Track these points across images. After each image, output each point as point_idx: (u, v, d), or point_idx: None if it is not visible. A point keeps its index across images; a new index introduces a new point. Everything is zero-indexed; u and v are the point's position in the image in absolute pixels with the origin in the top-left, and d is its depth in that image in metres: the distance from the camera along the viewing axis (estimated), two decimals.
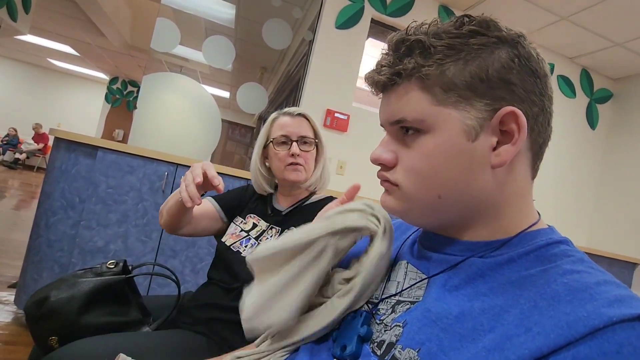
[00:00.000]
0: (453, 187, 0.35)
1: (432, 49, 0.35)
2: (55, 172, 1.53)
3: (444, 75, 0.34)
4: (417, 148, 0.37)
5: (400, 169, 0.38)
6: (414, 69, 0.35)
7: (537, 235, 0.36)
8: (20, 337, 1.48)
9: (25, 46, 7.04)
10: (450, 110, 0.34)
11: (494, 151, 0.35)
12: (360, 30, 2.45)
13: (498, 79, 0.33)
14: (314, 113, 2.40)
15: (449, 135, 0.35)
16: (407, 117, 0.36)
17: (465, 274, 0.35)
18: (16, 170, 7.41)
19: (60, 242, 1.51)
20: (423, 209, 0.38)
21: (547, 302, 0.29)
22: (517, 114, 0.33)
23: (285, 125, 0.91)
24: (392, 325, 0.37)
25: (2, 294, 1.78)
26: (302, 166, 0.90)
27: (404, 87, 0.37)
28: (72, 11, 4.63)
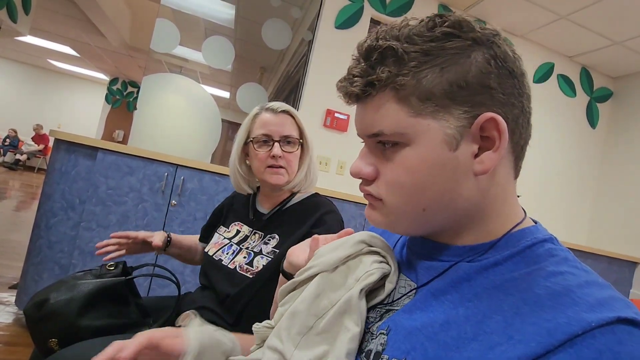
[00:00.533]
0: (438, 198, 0.34)
1: (405, 56, 0.33)
2: (55, 174, 1.53)
3: (420, 85, 0.33)
4: (399, 161, 0.35)
5: (382, 183, 0.37)
6: (388, 78, 0.33)
7: (523, 235, 0.35)
8: (21, 338, 1.48)
9: (25, 47, 7.05)
10: (428, 121, 0.33)
11: (475, 158, 0.34)
12: (360, 30, 2.45)
13: (477, 85, 0.32)
14: (314, 113, 2.42)
15: (430, 146, 0.33)
16: (385, 131, 0.35)
17: (450, 278, 0.35)
18: (17, 171, 7.42)
19: (60, 243, 1.51)
20: (409, 221, 0.37)
21: (530, 307, 0.28)
22: (497, 120, 0.32)
23: (268, 123, 0.84)
24: (377, 334, 0.36)
25: (3, 295, 1.78)
26: (284, 168, 0.84)
27: (378, 99, 0.35)
28: (72, 11, 4.63)
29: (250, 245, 0.84)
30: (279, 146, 0.84)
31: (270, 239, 0.84)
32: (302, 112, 2.36)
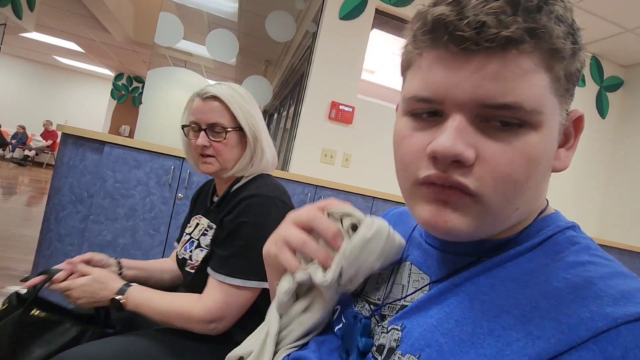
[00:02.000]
0: (531, 195, 0.30)
1: (565, 19, 0.27)
2: (63, 168, 1.55)
3: (574, 59, 0.28)
4: (520, 148, 0.27)
5: (485, 172, 0.28)
6: (554, 35, 0.26)
7: (544, 223, 0.33)
8: None
9: (31, 44, 7.09)
10: (556, 104, 0.28)
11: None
12: (365, 21, 2.42)
13: (577, 79, 0.30)
14: (318, 105, 2.40)
15: (552, 135, 0.28)
16: (525, 105, 0.26)
17: (468, 273, 0.33)
18: (26, 167, 7.52)
19: (70, 236, 1.53)
20: (493, 226, 0.31)
21: (549, 301, 0.27)
22: (582, 119, 0.31)
23: (196, 110, 0.79)
24: (390, 328, 0.35)
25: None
26: (213, 157, 0.79)
27: (527, 58, 0.26)
28: (76, 7, 4.64)
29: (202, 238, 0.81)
30: (205, 135, 0.78)
31: (208, 229, 0.81)
32: (306, 104, 2.35)
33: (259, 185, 0.79)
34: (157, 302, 0.70)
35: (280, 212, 0.75)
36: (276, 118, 5.16)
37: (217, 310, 0.69)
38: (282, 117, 4.54)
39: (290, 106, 3.78)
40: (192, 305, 0.70)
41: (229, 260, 0.72)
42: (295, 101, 2.83)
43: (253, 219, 0.73)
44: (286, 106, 4.18)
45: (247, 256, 0.72)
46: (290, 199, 0.83)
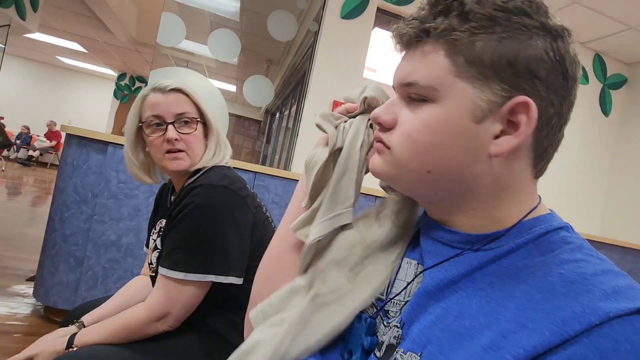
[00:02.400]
0: (445, 165, 0.34)
1: (470, 15, 0.32)
2: (67, 168, 1.56)
3: (473, 46, 0.31)
4: (421, 116, 0.34)
5: (397, 133, 0.36)
6: (445, 30, 0.32)
7: (536, 222, 0.35)
8: (39, 328, 1.53)
9: (35, 44, 7.13)
10: (465, 85, 0.32)
11: (495, 139, 0.33)
12: (366, 20, 2.42)
13: (525, 68, 0.31)
14: (320, 104, 2.41)
15: (456, 110, 0.32)
16: (420, 81, 0.34)
17: (463, 268, 0.34)
18: (30, 167, 7.58)
19: (74, 236, 1.55)
20: (410, 180, 0.36)
21: (543, 295, 0.28)
22: (530, 106, 0.31)
23: (157, 103, 0.75)
24: (392, 326, 0.36)
25: (21, 287, 1.84)
26: (184, 152, 0.76)
27: (428, 47, 0.34)
28: (79, 8, 4.66)
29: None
30: (174, 128, 0.75)
31: (162, 229, 0.79)
32: (308, 103, 2.36)
33: (207, 176, 0.75)
34: (104, 330, 0.69)
35: (228, 201, 0.72)
36: (278, 117, 5.18)
37: (159, 307, 0.68)
38: (284, 116, 4.55)
39: (292, 105, 3.78)
40: (135, 312, 0.69)
41: (172, 253, 0.70)
42: (297, 100, 2.83)
43: (196, 209, 0.69)
44: (288, 105, 4.19)
45: (190, 248, 0.69)
46: (246, 188, 0.78)
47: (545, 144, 0.34)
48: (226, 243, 0.70)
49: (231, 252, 0.71)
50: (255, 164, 1.76)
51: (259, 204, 0.82)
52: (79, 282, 1.55)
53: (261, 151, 6.14)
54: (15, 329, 1.49)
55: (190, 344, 0.72)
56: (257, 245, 0.77)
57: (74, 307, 0.92)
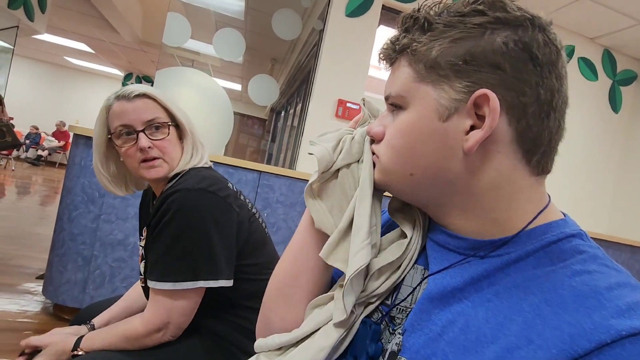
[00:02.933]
0: (425, 166, 0.35)
1: (427, 26, 0.34)
2: (75, 168, 1.58)
3: (429, 53, 0.34)
4: (396, 124, 0.37)
5: (383, 143, 0.39)
6: (406, 44, 0.36)
7: (548, 229, 0.33)
8: (49, 325, 1.55)
9: (43, 45, 7.22)
10: (427, 89, 0.34)
11: (466, 135, 0.33)
12: (371, 18, 2.40)
13: (485, 62, 0.32)
14: (325, 103, 2.40)
15: (421, 113, 0.35)
16: (392, 93, 0.37)
17: (469, 275, 0.33)
18: (39, 166, 7.68)
19: (82, 235, 1.57)
20: (399, 184, 0.38)
21: (552, 309, 0.27)
22: (489, 97, 0.31)
23: (124, 112, 0.72)
24: (395, 333, 0.36)
25: (30, 285, 1.87)
26: (160, 158, 0.73)
27: (397, 63, 0.38)
28: (86, 8, 4.71)
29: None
30: (145, 135, 0.72)
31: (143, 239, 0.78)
32: (313, 101, 2.35)
33: (184, 179, 0.73)
34: (107, 338, 0.70)
35: (207, 203, 0.70)
36: (283, 116, 5.18)
37: (156, 320, 0.67)
38: (289, 115, 4.55)
39: (297, 104, 3.78)
40: (133, 324, 0.69)
41: (157, 264, 0.69)
42: (302, 99, 2.83)
43: (175, 215, 0.67)
44: (293, 104, 4.19)
45: (174, 256, 0.68)
46: (226, 188, 0.75)
47: (531, 135, 0.33)
48: (211, 247, 0.68)
49: (217, 255, 0.69)
50: (260, 164, 1.76)
51: (243, 202, 0.80)
52: (87, 280, 1.57)
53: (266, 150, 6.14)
54: (26, 326, 1.51)
55: (192, 347, 0.72)
56: (244, 244, 0.75)
57: (84, 306, 0.94)
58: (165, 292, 0.67)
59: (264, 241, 0.82)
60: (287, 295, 0.44)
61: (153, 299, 0.69)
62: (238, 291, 0.73)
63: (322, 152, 0.41)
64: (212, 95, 2.38)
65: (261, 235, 0.81)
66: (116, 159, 0.79)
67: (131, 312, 0.84)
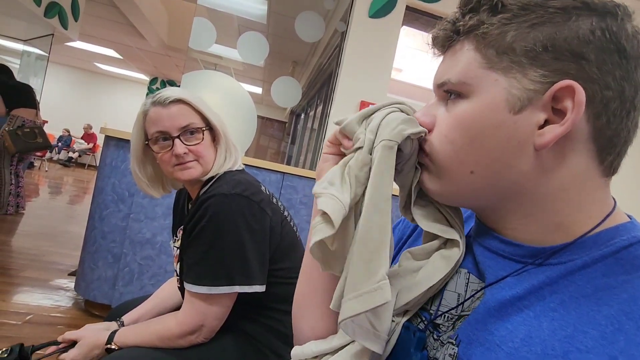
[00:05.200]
0: (488, 163, 0.31)
1: (500, 7, 0.31)
2: (106, 168, 1.63)
3: (503, 37, 0.30)
4: (455, 114, 0.33)
5: (435, 135, 0.35)
6: (473, 26, 0.32)
7: (616, 233, 0.30)
8: (80, 320, 1.61)
9: (75, 52, 7.56)
10: (497, 76, 0.31)
11: (539, 130, 0.30)
12: (395, 19, 2.38)
13: (567, 51, 0.29)
14: (348, 105, 2.39)
15: (489, 103, 0.31)
16: (452, 79, 0.33)
17: (529, 283, 0.30)
18: (70, 167, 8.03)
19: (112, 233, 1.62)
20: (456, 185, 0.34)
21: (636, 323, 0.24)
22: (574, 89, 0.28)
23: (159, 119, 0.74)
24: (446, 342, 0.33)
25: (63, 281, 1.94)
26: (194, 161, 0.75)
27: (459, 46, 0.33)
28: (115, 16, 4.89)
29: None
30: (181, 142, 0.73)
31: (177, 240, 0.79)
32: (335, 104, 2.35)
33: (220, 184, 0.74)
34: (141, 335, 0.71)
35: (242, 208, 0.71)
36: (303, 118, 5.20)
37: (191, 322, 0.68)
38: (309, 117, 4.57)
39: (317, 106, 3.79)
40: (168, 324, 0.70)
41: (193, 267, 0.70)
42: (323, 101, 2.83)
43: (211, 221, 0.69)
44: (313, 106, 4.20)
45: (211, 261, 0.69)
46: (260, 192, 0.76)
47: (609, 134, 0.30)
48: (245, 252, 0.70)
49: (251, 261, 0.70)
50: (284, 165, 1.77)
51: (276, 206, 0.80)
52: (117, 277, 1.62)
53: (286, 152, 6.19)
54: (59, 320, 1.57)
55: (226, 347, 0.73)
56: (276, 248, 0.76)
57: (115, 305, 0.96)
58: (201, 295, 0.69)
59: (295, 244, 0.82)
60: (311, 310, 0.43)
61: (189, 301, 0.70)
62: (269, 294, 0.73)
63: (334, 206, 0.33)
64: (237, 98, 2.42)
65: (292, 239, 0.82)
66: (153, 161, 0.82)
67: (161, 311, 0.86)
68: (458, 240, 0.36)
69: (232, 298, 0.71)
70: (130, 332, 0.73)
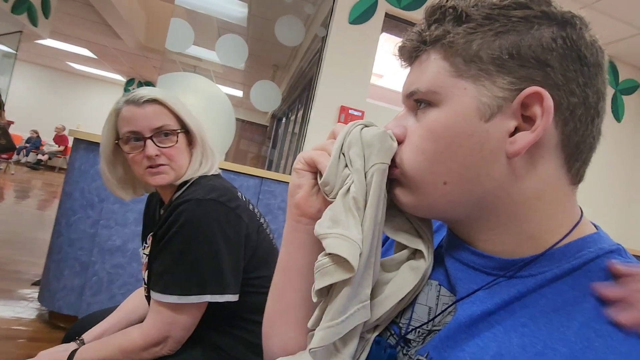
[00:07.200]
0: (461, 172, 0.31)
1: (464, 17, 0.31)
2: (75, 172, 1.56)
3: (469, 46, 0.30)
4: (425, 123, 0.33)
5: (406, 147, 0.34)
6: (439, 35, 0.32)
7: (584, 244, 0.30)
8: (44, 334, 1.52)
9: (45, 50, 7.25)
10: (466, 84, 0.30)
11: (510, 137, 0.30)
12: (374, 25, 2.41)
13: (532, 58, 0.29)
14: (327, 110, 2.40)
15: (459, 111, 0.31)
16: (420, 88, 0.33)
17: (500, 298, 0.30)
18: (39, 171, 7.66)
19: (80, 240, 1.54)
20: (430, 197, 0.33)
21: (605, 341, 0.24)
22: (542, 95, 0.28)
23: (132, 118, 0.70)
24: (415, 357, 0.33)
25: (26, 291, 1.83)
26: (167, 165, 0.71)
27: (426, 55, 0.33)
28: (89, 14, 4.74)
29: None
30: (153, 143, 0.70)
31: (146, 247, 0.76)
32: (316, 108, 2.34)
33: (194, 189, 0.71)
34: (103, 350, 0.67)
35: (217, 215, 0.68)
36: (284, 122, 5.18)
37: (156, 333, 0.65)
38: (290, 121, 4.55)
39: (298, 110, 3.78)
40: (131, 336, 0.67)
41: (163, 276, 0.66)
42: (304, 105, 2.82)
43: (184, 227, 0.65)
44: (294, 110, 4.19)
45: (182, 269, 0.66)
46: (236, 198, 0.73)
47: (576, 140, 0.30)
48: (219, 260, 0.66)
49: (225, 269, 0.67)
50: (262, 170, 1.74)
51: (252, 212, 0.78)
52: (84, 287, 1.54)
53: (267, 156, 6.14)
54: (20, 333, 1.48)
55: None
56: (252, 257, 0.74)
57: (77, 320, 0.90)
58: (169, 304, 0.65)
59: (272, 252, 0.80)
60: (284, 329, 0.41)
61: (154, 311, 0.67)
62: (243, 304, 0.71)
63: (350, 249, 0.31)
64: (215, 101, 2.38)
65: (269, 247, 0.79)
66: (124, 162, 0.78)
67: (126, 326, 0.81)
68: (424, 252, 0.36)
69: (202, 308, 0.68)
70: (92, 348, 0.69)
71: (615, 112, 2.91)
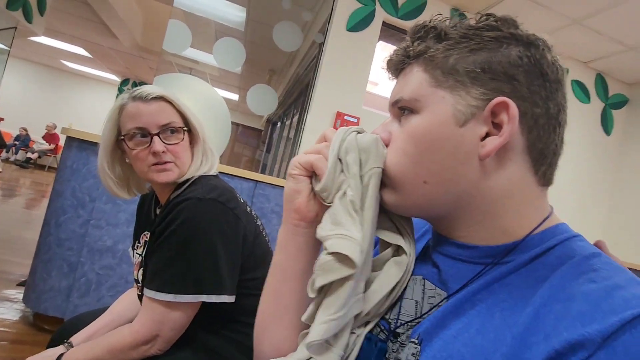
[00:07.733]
0: (439, 172, 0.35)
1: (444, 35, 0.36)
2: (66, 171, 1.53)
3: (447, 60, 0.35)
4: (407, 128, 0.37)
5: (391, 150, 0.38)
6: (421, 51, 0.37)
7: (556, 231, 0.35)
8: (27, 336, 1.48)
9: (39, 47, 7.17)
10: (444, 93, 0.35)
11: (481, 141, 0.34)
12: (371, 33, 2.43)
13: (502, 72, 0.34)
14: (324, 116, 2.41)
15: (438, 117, 0.35)
16: (404, 96, 0.37)
17: (483, 280, 0.34)
18: (28, 169, 7.52)
19: (69, 240, 1.51)
20: (413, 195, 0.37)
21: (562, 304, 0.28)
22: (508, 105, 0.33)
23: (139, 114, 0.70)
24: (408, 343, 0.35)
25: (10, 292, 1.79)
26: (172, 163, 0.71)
27: (410, 68, 0.38)
28: (85, 13, 4.70)
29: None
30: (160, 139, 0.70)
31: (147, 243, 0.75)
32: (311, 114, 2.35)
33: (194, 188, 0.71)
34: (91, 350, 0.66)
35: (216, 214, 0.68)
36: (279, 127, 5.18)
37: (146, 331, 0.64)
38: (285, 126, 4.56)
39: (294, 115, 3.79)
40: (121, 335, 0.66)
41: (159, 273, 0.66)
42: (300, 111, 2.83)
43: (183, 225, 0.65)
44: (289, 115, 4.20)
45: (179, 267, 0.65)
46: (235, 199, 0.74)
47: (540, 146, 0.35)
48: (217, 260, 0.66)
49: (222, 269, 0.67)
50: (256, 173, 1.74)
51: (250, 214, 0.78)
52: (72, 288, 1.51)
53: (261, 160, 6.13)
54: (2, 335, 1.44)
55: None
56: (248, 258, 0.73)
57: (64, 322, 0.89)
58: (162, 302, 0.64)
59: (268, 255, 0.79)
60: (277, 332, 0.42)
61: (146, 308, 0.66)
62: (237, 306, 0.70)
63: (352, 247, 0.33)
64: (210, 103, 2.37)
65: (264, 249, 0.79)
66: (121, 161, 0.77)
67: (118, 326, 0.78)
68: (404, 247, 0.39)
69: (195, 308, 0.67)
70: (81, 350, 0.68)
71: (605, 126, 2.97)
